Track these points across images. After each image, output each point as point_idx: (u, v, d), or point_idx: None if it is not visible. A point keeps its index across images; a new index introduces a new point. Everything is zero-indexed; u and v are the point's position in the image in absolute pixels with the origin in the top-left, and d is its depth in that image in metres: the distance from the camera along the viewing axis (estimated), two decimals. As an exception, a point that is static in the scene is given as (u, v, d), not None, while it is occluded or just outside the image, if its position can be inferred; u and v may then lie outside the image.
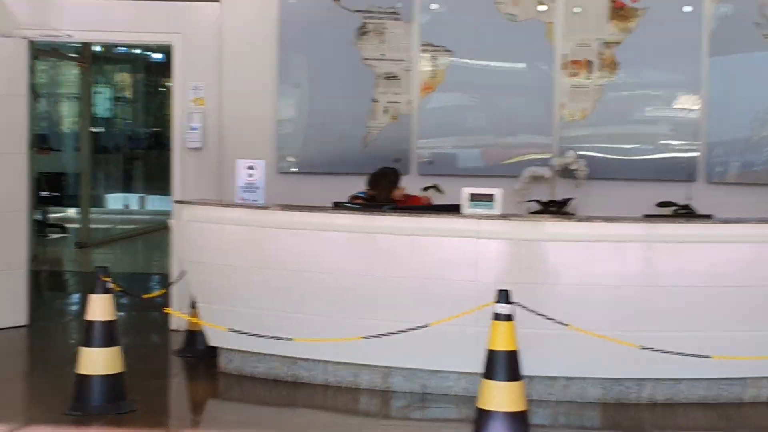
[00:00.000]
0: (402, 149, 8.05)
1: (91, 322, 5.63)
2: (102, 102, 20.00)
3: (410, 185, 7.62)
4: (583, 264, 5.71)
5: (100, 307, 5.64)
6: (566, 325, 5.15)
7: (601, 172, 7.84)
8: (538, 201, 7.75)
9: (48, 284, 10.97)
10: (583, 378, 5.92)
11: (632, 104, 7.93)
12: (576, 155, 7.82)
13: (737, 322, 5.74)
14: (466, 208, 5.91)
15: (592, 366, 5.83)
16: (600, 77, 7.86)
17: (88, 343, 5.62)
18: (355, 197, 7.27)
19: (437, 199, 7.59)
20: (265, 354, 6.38)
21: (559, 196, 7.79)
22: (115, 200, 19.15)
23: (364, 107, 8.07)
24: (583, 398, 5.94)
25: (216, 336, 6.51)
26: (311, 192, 7.54)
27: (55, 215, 16.03)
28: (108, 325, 5.63)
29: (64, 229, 15.30)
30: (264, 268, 6.26)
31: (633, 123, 7.91)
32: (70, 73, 15.89)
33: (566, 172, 7.81)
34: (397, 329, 5.49)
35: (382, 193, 7.08)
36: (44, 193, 15.78)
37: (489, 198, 5.87)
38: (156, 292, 6.82)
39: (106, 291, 5.67)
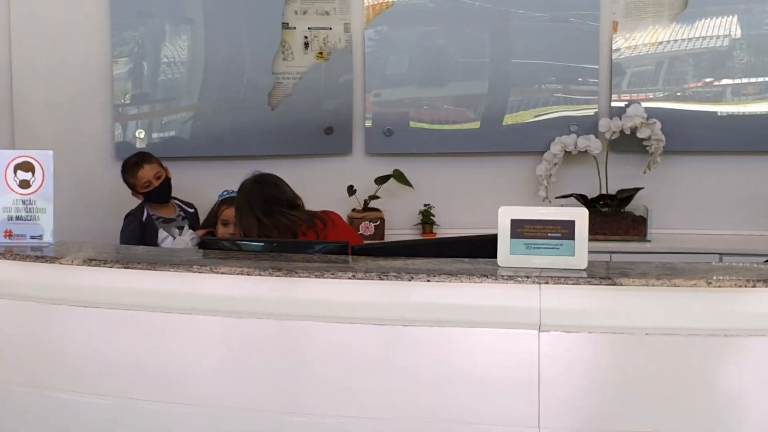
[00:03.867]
0: (336, 111, 4.67)
1: None
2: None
3: (354, 175, 4.31)
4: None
5: None
6: None
7: (685, 142, 4.59)
8: (579, 196, 4.49)
9: None
10: None
11: (731, 21, 4.68)
12: (644, 114, 4.55)
13: None
14: (506, 254, 2.54)
15: None
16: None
17: None
18: (223, 204, 4.05)
19: (405, 211, 4.31)
20: None
21: (614, 186, 4.52)
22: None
23: (270, 40, 4.69)
24: None
25: None
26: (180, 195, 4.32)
27: None
28: None
29: None
30: (50, 389, 2.84)
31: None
32: None
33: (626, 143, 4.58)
34: None
35: (280, 220, 3.67)
36: None
37: (561, 231, 2.51)
38: None
39: None
